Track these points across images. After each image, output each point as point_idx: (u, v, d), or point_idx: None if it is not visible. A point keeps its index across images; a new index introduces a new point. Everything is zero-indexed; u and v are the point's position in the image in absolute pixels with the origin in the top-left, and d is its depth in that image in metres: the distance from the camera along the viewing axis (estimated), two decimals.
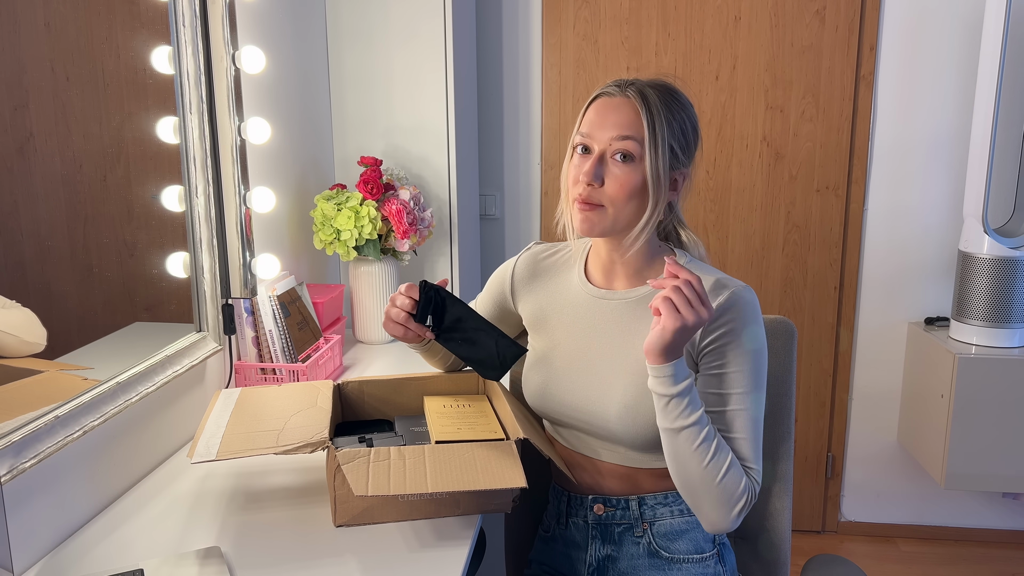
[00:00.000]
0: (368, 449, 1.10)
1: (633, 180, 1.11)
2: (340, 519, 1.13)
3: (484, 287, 1.38)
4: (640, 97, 1.12)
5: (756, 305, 1.15)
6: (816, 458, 2.66)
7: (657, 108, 1.11)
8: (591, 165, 1.12)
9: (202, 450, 1.13)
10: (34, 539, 1.07)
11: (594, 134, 1.13)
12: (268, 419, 1.24)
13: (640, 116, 1.11)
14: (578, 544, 1.26)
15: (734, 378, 1.12)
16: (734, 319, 1.11)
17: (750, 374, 1.12)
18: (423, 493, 1.07)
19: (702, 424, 1.07)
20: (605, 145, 1.12)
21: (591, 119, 1.14)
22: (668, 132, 1.11)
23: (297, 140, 1.99)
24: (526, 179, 2.61)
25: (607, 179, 1.12)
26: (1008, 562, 2.52)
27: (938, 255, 2.50)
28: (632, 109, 1.12)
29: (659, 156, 1.10)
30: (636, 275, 1.20)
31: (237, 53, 1.57)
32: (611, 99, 1.14)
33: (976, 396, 2.23)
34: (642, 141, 1.10)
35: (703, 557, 1.21)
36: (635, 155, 1.11)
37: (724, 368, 1.12)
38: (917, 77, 2.42)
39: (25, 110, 1.11)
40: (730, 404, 1.12)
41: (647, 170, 1.11)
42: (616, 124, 1.12)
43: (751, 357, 1.12)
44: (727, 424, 1.12)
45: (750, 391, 1.12)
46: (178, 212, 1.45)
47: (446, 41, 2.12)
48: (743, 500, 1.09)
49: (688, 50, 2.47)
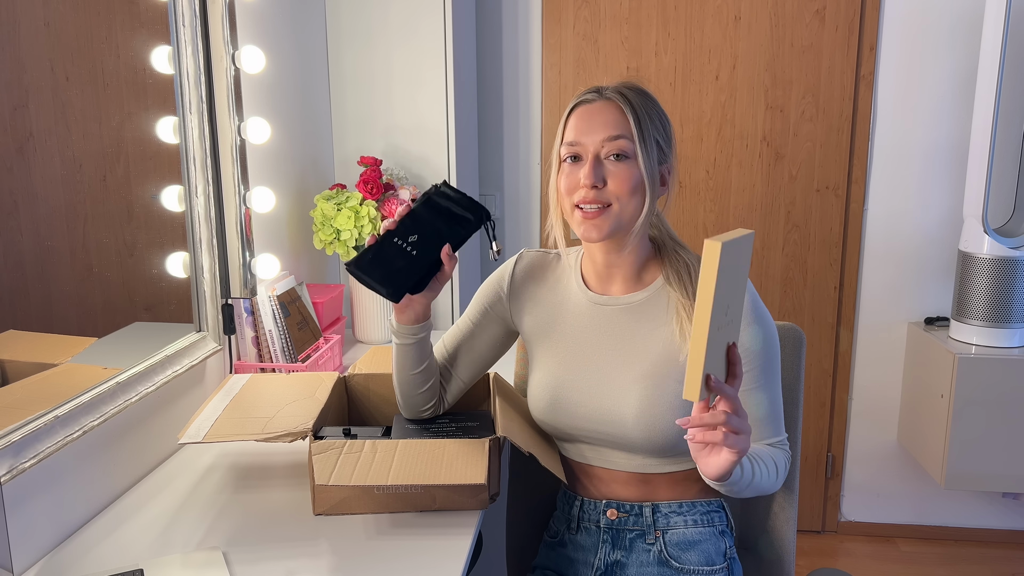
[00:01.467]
0: (343, 441, 1.12)
1: (633, 176, 1.12)
2: (318, 508, 1.16)
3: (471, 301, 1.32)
4: (621, 97, 1.14)
5: (755, 303, 1.16)
6: (816, 458, 2.66)
7: (639, 105, 1.14)
8: (590, 168, 1.12)
9: (192, 432, 1.19)
10: (34, 539, 1.07)
11: (582, 140, 1.14)
12: (263, 407, 1.27)
13: (625, 115, 1.13)
14: (587, 548, 1.25)
15: (749, 376, 1.15)
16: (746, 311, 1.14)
17: (761, 372, 1.16)
18: (383, 485, 1.10)
19: (752, 461, 1.10)
20: (597, 148, 1.13)
21: (576, 127, 1.15)
22: (652, 128, 1.14)
23: (297, 140, 1.99)
24: (526, 179, 2.61)
25: (608, 178, 1.13)
26: (1008, 562, 2.52)
27: (938, 255, 2.50)
28: (616, 109, 1.14)
29: (649, 151, 1.13)
30: (633, 278, 1.20)
31: (237, 53, 1.57)
32: (591, 105, 1.15)
33: (976, 396, 2.23)
34: (632, 138, 1.12)
35: (713, 570, 1.20)
36: (628, 153, 1.13)
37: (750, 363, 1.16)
38: (917, 77, 2.42)
39: (25, 110, 1.11)
40: (751, 398, 1.16)
41: (641, 166, 1.12)
42: (604, 125, 1.13)
43: (757, 357, 1.15)
44: (752, 414, 1.16)
45: (763, 387, 1.16)
46: (178, 212, 1.45)
47: (446, 41, 2.12)
48: (786, 472, 1.19)
49: (688, 50, 2.47)
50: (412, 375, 1.24)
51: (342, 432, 1.23)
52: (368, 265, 1.14)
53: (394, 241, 1.14)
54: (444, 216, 1.16)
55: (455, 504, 1.17)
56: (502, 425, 1.16)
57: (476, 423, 1.28)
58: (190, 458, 1.38)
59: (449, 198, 1.16)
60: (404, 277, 1.15)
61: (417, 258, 1.14)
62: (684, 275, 1.18)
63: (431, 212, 1.16)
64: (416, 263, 1.14)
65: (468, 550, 1.08)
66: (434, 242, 1.15)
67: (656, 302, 1.18)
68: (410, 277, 1.15)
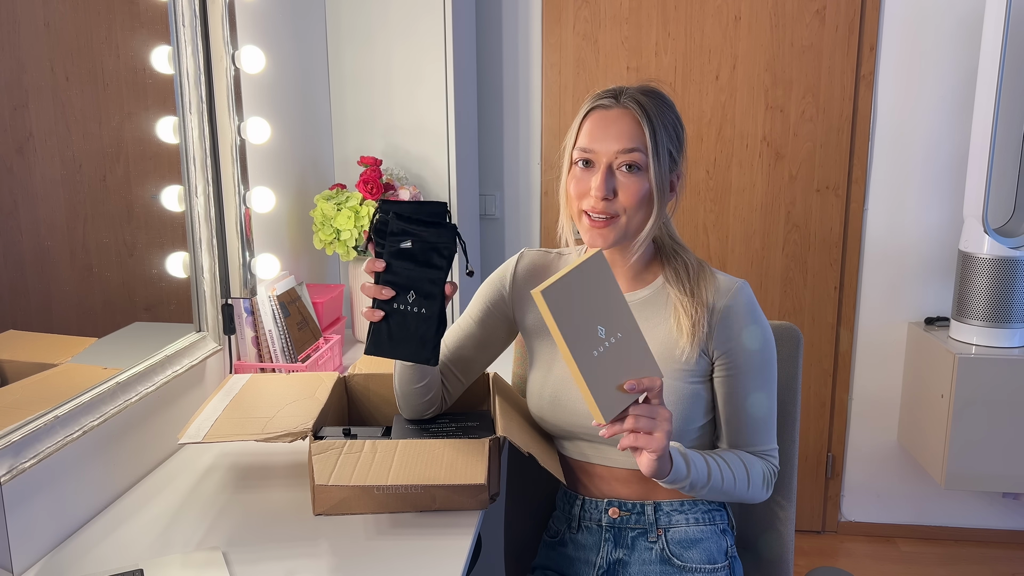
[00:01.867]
0: (343, 441, 1.12)
1: (643, 188, 1.13)
2: (318, 508, 1.16)
3: (472, 299, 1.31)
4: (638, 107, 1.13)
5: (753, 304, 1.18)
6: (816, 458, 2.66)
7: (655, 116, 1.13)
8: (602, 179, 1.13)
9: (192, 432, 1.19)
10: (34, 539, 1.07)
11: (596, 148, 1.14)
12: (263, 407, 1.27)
13: (641, 126, 1.13)
14: (589, 547, 1.25)
15: (744, 379, 1.18)
16: (731, 327, 1.16)
17: (758, 372, 1.18)
18: (383, 485, 1.10)
19: (717, 465, 1.14)
20: (611, 158, 1.13)
21: (591, 133, 1.15)
22: (666, 137, 1.14)
23: (297, 140, 1.99)
24: (526, 179, 2.61)
25: (619, 190, 1.13)
26: (1008, 562, 2.52)
27: (938, 255, 2.50)
28: (632, 119, 1.13)
29: (661, 163, 1.13)
30: (636, 278, 1.22)
31: (237, 53, 1.57)
32: (608, 111, 1.15)
33: (976, 396, 2.23)
34: (646, 151, 1.13)
35: (715, 568, 1.21)
36: (641, 165, 1.13)
37: (734, 371, 1.18)
38: (917, 77, 2.42)
39: (25, 110, 1.11)
40: (746, 401, 1.18)
41: (652, 178, 1.13)
42: (619, 136, 1.13)
43: (756, 357, 1.18)
44: (744, 419, 1.19)
45: (760, 387, 1.19)
46: (178, 212, 1.45)
47: (446, 41, 2.12)
48: (771, 481, 1.22)
49: (688, 50, 2.47)
50: (416, 388, 1.22)
51: (342, 432, 1.23)
52: (390, 344, 1.07)
53: (397, 308, 1.07)
54: (421, 250, 1.07)
55: (455, 504, 1.17)
56: (502, 425, 1.16)
57: (476, 423, 1.28)
58: (190, 458, 1.38)
59: (408, 219, 1.06)
60: (427, 335, 1.08)
61: (427, 313, 1.07)
62: (683, 273, 1.19)
63: (406, 258, 1.07)
64: (428, 317, 1.07)
65: (468, 550, 1.08)
66: (431, 287, 1.08)
67: (656, 300, 1.20)
68: (431, 330, 1.08)
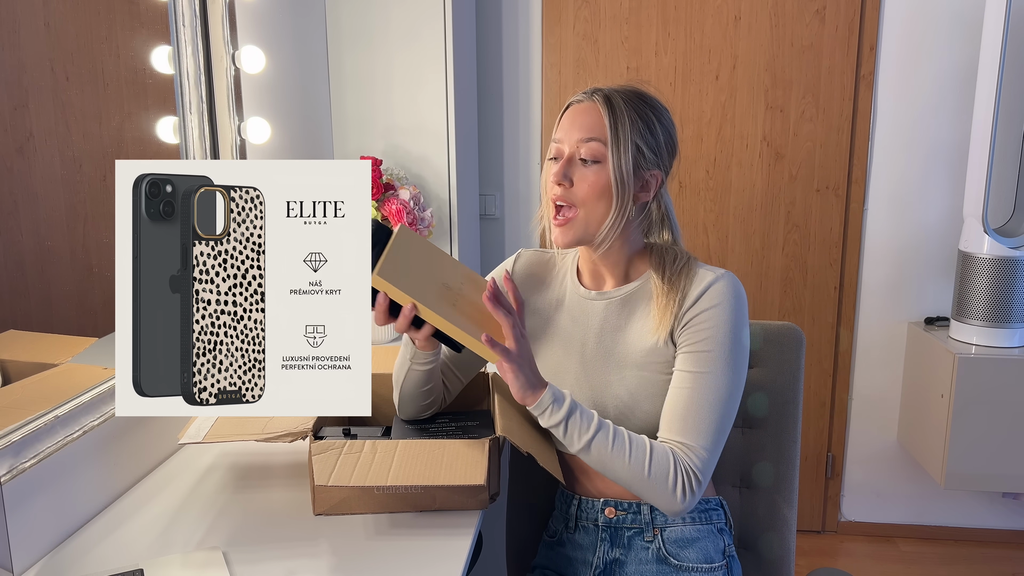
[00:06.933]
0: (343, 441, 1.12)
1: (600, 180, 1.14)
2: (318, 508, 1.16)
3: None
4: (604, 100, 1.15)
5: (739, 291, 1.16)
6: (816, 458, 2.66)
7: (620, 109, 1.14)
8: (560, 166, 1.15)
9: (192, 432, 1.20)
10: (34, 539, 1.07)
11: (563, 139, 1.17)
12: None
13: (603, 118, 1.14)
14: (585, 547, 1.25)
15: (706, 358, 1.12)
16: (712, 297, 1.14)
17: (723, 356, 1.12)
18: (383, 485, 1.10)
19: (605, 428, 1.10)
20: (574, 148, 1.15)
21: (562, 125, 1.18)
22: (632, 131, 1.13)
23: (297, 140, 1.99)
24: (526, 179, 2.61)
25: (576, 180, 1.15)
26: (1008, 562, 2.52)
27: (938, 255, 2.50)
28: (596, 112, 1.15)
29: (622, 156, 1.13)
30: (622, 274, 1.23)
31: (237, 53, 1.57)
32: (579, 105, 1.17)
33: (976, 396, 2.23)
34: (605, 141, 1.13)
35: (712, 567, 1.21)
36: (600, 157, 1.14)
37: (698, 348, 1.13)
38: (917, 77, 2.42)
39: (25, 110, 1.11)
40: (697, 383, 1.12)
41: (610, 170, 1.13)
42: (581, 127, 1.15)
43: (726, 339, 1.13)
44: (675, 400, 1.13)
45: (720, 372, 1.12)
46: None
47: (446, 41, 2.12)
48: (679, 479, 1.08)
49: (688, 50, 2.47)
50: (422, 391, 1.24)
51: (342, 432, 1.24)
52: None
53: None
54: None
55: (455, 504, 1.17)
56: (501, 425, 1.16)
57: (476, 423, 1.28)
58: (190, 458, 1.38)
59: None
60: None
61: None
62: (668, 266, 1.18)
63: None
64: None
65: (468, 550, 1.08)
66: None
67: (642, 293, 1.21)
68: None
